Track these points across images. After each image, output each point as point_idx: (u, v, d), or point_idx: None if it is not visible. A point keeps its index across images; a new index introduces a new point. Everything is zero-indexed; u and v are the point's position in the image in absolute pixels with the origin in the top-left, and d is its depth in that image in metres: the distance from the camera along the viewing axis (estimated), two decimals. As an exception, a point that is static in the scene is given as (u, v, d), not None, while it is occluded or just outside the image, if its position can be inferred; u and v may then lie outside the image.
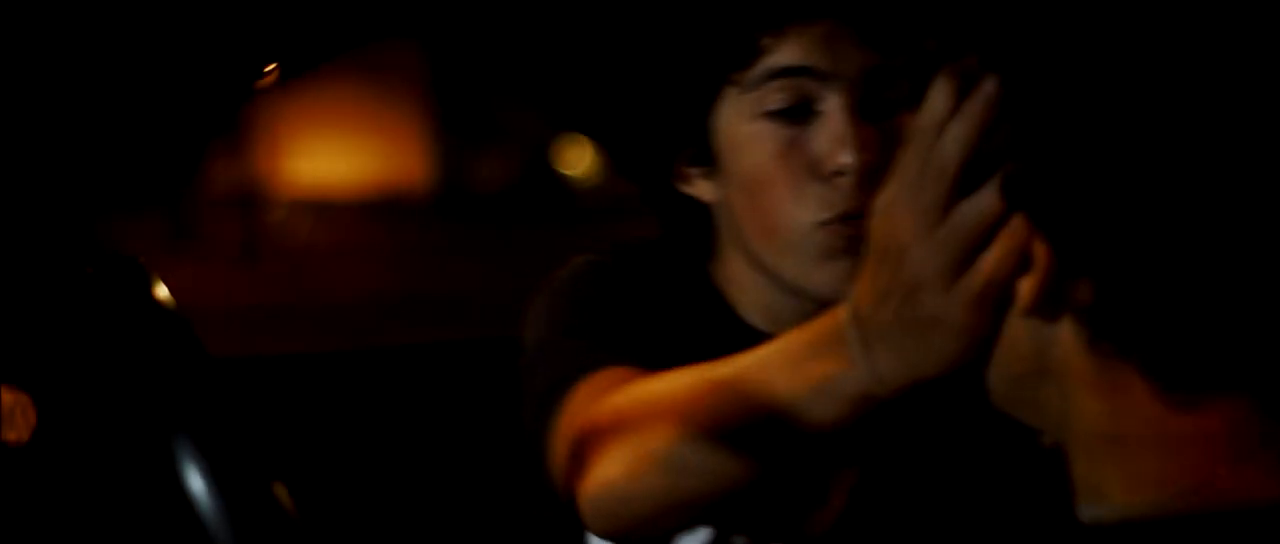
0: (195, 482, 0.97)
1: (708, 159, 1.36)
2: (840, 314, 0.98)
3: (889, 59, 1.33)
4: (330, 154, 11.14)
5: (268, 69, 1.38)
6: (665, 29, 1.34)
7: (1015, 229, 0.83)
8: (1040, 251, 0.80)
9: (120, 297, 1.06)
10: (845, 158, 1.28)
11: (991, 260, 0.83)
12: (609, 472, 1.18)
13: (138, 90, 1.29)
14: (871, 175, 1.30)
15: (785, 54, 1.30)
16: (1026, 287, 0.81)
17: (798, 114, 1.31)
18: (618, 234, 1.55)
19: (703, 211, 1.41)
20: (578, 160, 11.67)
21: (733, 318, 1.44)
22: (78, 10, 1.22)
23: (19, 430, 1.03)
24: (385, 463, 1.87)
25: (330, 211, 10.46)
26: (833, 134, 1.29)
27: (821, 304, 1.35)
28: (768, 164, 1.32)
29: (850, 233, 1.31)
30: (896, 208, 0.88)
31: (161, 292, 1.06)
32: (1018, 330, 0.84)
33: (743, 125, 1.33)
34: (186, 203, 9.30)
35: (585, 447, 1.22)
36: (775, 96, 1.30)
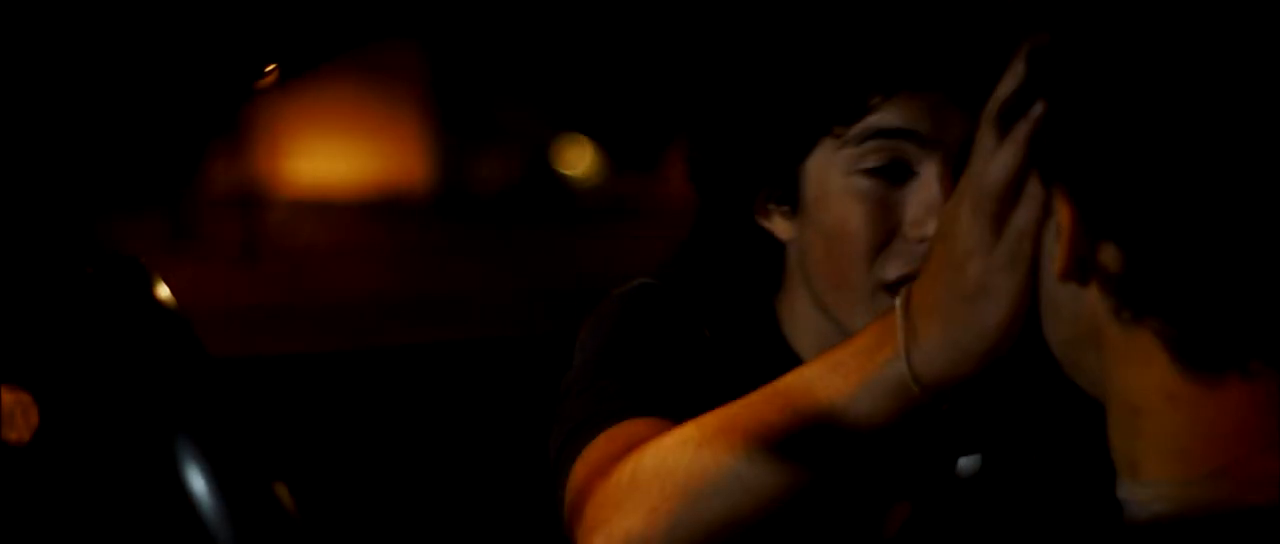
0: (195, 482, 0.97)
1: (792, 200, 1.35)
2: (890, 314, 1.02)
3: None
4: (330, 154, 11.13)
5: (268, 69, 1.38)
6: (780, 76, 1.32)
7: (1037, 191, 0.85)
8: (1067, 215, 0.81)
9: (120, 296, 1.06)
10: (934, 229, 1.28)
11: (1019, 219, 0.87)
12: (630, 523, 1.16)
13: (138, 90, 1.29)
14: None
15: (890, 115, 1.28)
16: (1058, 251, 0.82)
17: (893, 174, 1.30)
18: (617, 234, 1.55)
19: (775, 246, 1.41)
20: (578, 160, 11.66)
21: (790, 356, 1.44)
22: (77, 10, 1.22)
23: (19, 430, 1.03)
24: (385, 463, 1.87)
25: (330, 211, 10.45)
26: (927, 201, 1.28)
27: None
28: (855, 220, 1.31)
29: None
30: (957, 208, 0.92)
31: (161, 291, 1.06)
32: (1059, 295, 0.85)
33: (836, 177, 1.31)
34: (186, 203, 9.29)
35: (600, 503, 1.21)
36: (874, 155, 1.29)
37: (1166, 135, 0.77)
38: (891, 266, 1.31)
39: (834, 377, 1.08)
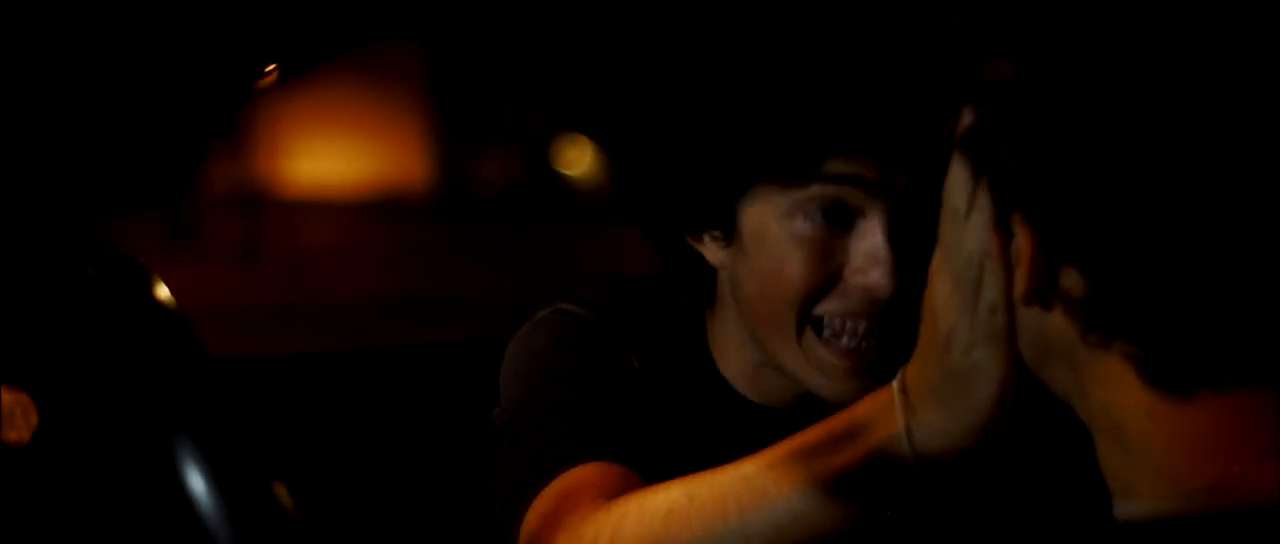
0: (195, 482, 0.97)
1: (726, 229, 1.32)
2: (885, 390, 1.03)
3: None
4: (330, 154, 11.12)
5: (268, 69, 1.38)
6: (734, 120, 1.28)
7: (1001, 260, 0.85)
8: (1027, 241, 0.81)
9: (120, 296, 1.05)
10: (877, 278, 1.25)
11: (988, 292, 0.87)
12: None
13: (138, 90, 1.29)
14: (887, 301, 1.27)
15: (837, 163, 1.25)
16: (1018, 277, 0.82)
17: (835, 219, 1.27)
18: (617, 234, 1.54)
19: (707, 268, 1.38)
20: (578, 160, 11.65)
21: (720, 383, 1.42)
22: (77, 10, 1.22)
23: (19, 430, 1.02)
24: (385, 463, 1.87)
25: (330, 211, 10.45)
26: (870, 250, 1.26)
27: (805, 390, 1.34)
28: (794, 265, 1.28)
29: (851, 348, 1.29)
30: (936, 278, 0.92)
31: (161, 291, 1.06)
32: (1022, 317, 0.85)
33: (775, 218, 1.28)
34: (186, 203, 9.29)
35: None
36: (817, 200, 1.26)
37: (1123, 159, 0.77)
38: (824, 304, 1.29)
39: (834, 452, 1.06)
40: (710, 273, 1.38)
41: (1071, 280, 0.80)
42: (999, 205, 0.83)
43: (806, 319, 1.30)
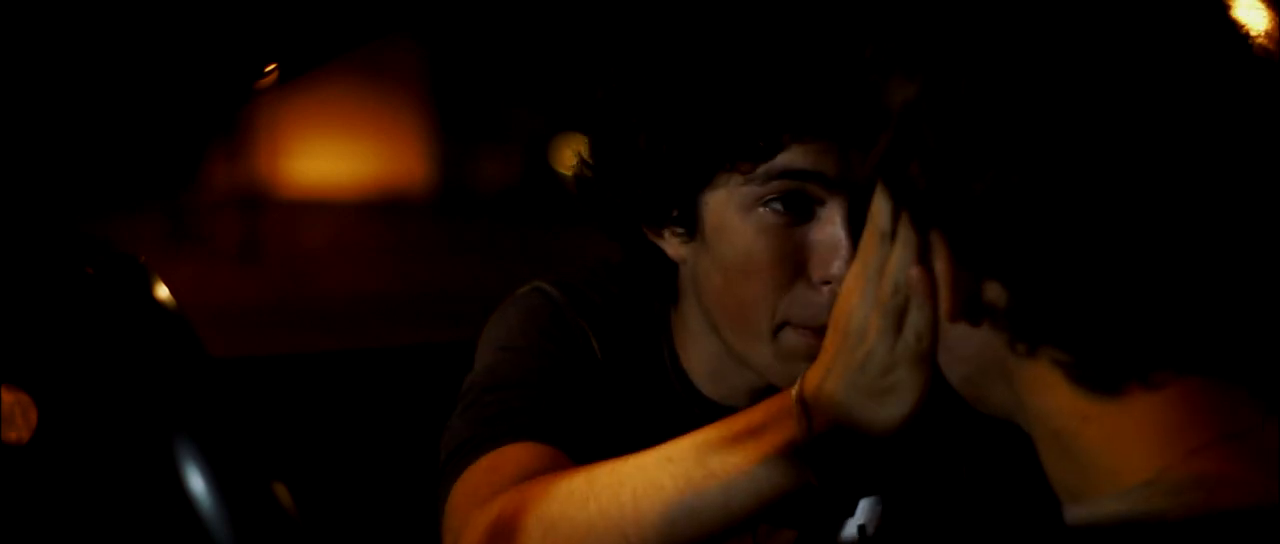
0: (195, 482, 0.97)
1: (688, 224, 1.32)
2: (785, 395, 1.05)
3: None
4: (330, 154, 11.12)
5: (268, 69, 1.38)
6: (692, 108, 1.29)
7: (925, 285, 0.85)
8: (945, 258, 0.81)
9: (120, 296, 1.05)
10: (838, 270, 1.25)
11: (915, 319, 0.88)
12: None
13: (138, 90, 1.28)
14: None
15: (797, 156, 1.26)
16: (942, 296, 0.83)
17: (796, 211, 1.27)
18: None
19: (668, 263, 1.38)
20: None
21: (680, 375, 1.42)
22: (77, 9, 1.22)
23: (19, 430, 1.02)
24: (385, 463, 1.87)
25: (330, 211, 10.45)
26: (830, 243, 1.26)
27: (767, 384, 1.34)
28: (756, 256, 1.28)
29: (818, 344, 1.30)
30: (853, 294, 0.92)
31: (161, 292, 1.06)
32: (951, 334, 0.85)
33: (736, 211, 1.28)
34: (186, 203, 9.28)
35: (477, 537, 1.20)
36: (778, 192, 1.27)
37: (1031, 166, 0.78)
38: (794, 309, 1.28)
39: (730, 452, 1.08)
40: (671, 268, 1.38)
41: (994, 292, 0.81)
42: (919, 228, 0.83)
43: (780, 319, 1.29)
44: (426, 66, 11.30)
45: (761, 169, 1.27)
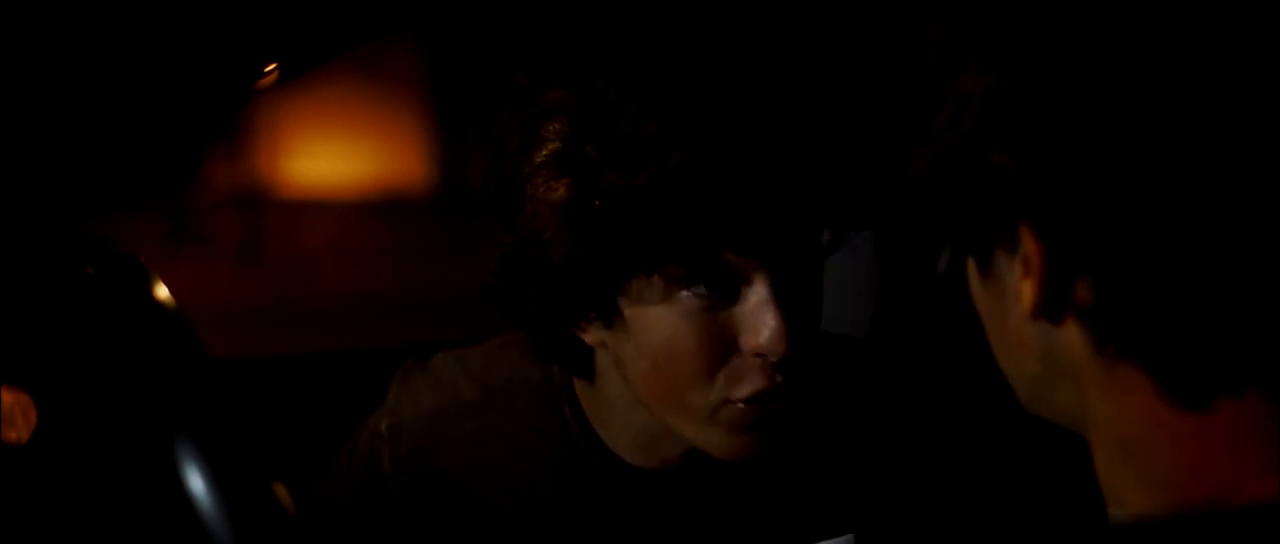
0: (195, 482, 0.97)
1: (606, 317, 1.28)
2: None
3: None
4: (330, 154, 11.12)
5: (268, 69, 1.38)
6: (619, 230, 1.22)
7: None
8: (1036, 252, 0.80)
9: (120, 297, 1.05)
10: (769, 341, 1.22)
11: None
12: None
13: (138, 90, 1.28)
14: (786, 359, 1.23)
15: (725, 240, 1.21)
16: (1027, 289, 0.81)
17: (718, 290, 1.23)
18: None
19: (584, 348, 1.33)
20: (578, 160, 11.63)
21: (594, 445, 1.38)
22: (77, 9, 1.22)
23: (19, 430, 1.02)
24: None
25: (330, 211, 10.44)
26: (760, 319, 1.22)
27: (697, 449, 1.33)
28: (686, 339, 1.23)
29: (758, 413, 1.25)
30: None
31: (161, 291, 1.06)
32: (1026, 332, 0.83)
33: (658, 296, 1.24)
34: (186, 203, 9.28)
35: None
36: (699, 274, 1.23)
37: (1137, 166, 0.75)
38: (727, 386, 1.25)
39: None
40: (587, 351, 1.35)
41: (1084, 290, 0.79)
42: (1003, 217, 0.81)
43: (719, 398, 1.26)
44: (426, 66, 11.30)
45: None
